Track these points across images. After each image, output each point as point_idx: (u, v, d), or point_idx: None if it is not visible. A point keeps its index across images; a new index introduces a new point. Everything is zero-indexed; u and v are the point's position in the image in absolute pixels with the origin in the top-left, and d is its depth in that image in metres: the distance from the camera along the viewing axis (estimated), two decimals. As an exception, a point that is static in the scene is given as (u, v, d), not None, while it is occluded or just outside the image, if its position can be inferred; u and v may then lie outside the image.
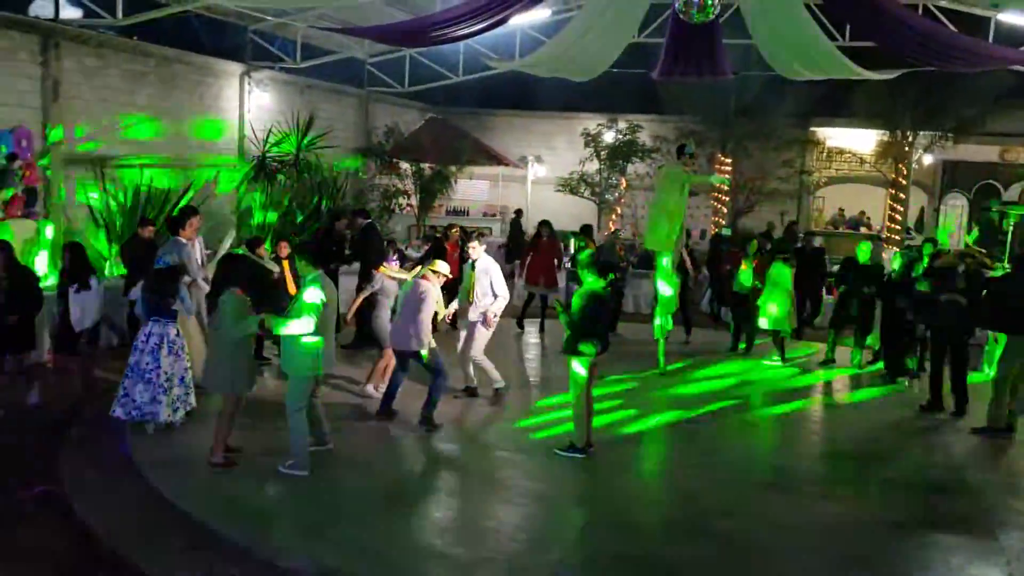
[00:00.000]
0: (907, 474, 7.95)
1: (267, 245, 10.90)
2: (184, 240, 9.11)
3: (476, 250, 9.66)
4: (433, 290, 8.55)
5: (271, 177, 15.21)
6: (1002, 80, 21.00)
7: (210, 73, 16.66)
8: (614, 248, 13.84)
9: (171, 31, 15.87)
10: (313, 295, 6.99)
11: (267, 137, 15.54)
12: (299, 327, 6.90)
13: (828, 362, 12.11)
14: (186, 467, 7.16)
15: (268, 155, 15.44)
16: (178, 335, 7.93)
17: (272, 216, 14.42)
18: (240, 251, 10.30)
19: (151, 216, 11.71)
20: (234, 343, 7.07)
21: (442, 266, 8.77)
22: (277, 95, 18.25)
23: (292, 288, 10.34)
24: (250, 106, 17.44)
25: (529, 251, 13.85)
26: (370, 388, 9.41)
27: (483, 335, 9.54)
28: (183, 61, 15.88)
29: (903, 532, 6.60)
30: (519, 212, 21.06)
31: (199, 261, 9.91)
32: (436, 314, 8.84)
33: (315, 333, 6.97)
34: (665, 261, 10.97)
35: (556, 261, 13.71)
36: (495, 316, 9.46)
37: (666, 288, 11.07)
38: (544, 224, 13.78)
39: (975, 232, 20.88)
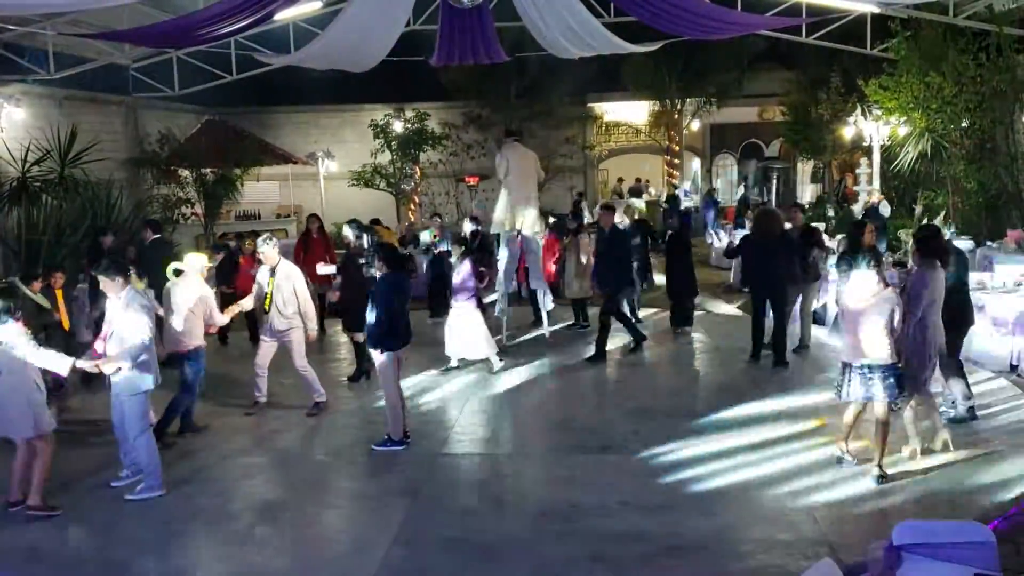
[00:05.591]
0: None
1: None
2: None
3: (269, 254, 8.91)
4: (195, 286, 8.14)
5: (34, 199, 14.04)
6: (754, 45, 22.77)
7: (-51, 91, 15.15)
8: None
9: None
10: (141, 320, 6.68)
11: (25, 156, 14.32)
12: (139, 351, 6.63)
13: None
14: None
15: (28, 175, 14.24)
16: None
17: (41, 241, 13.26)
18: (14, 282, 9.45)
19: None
20: (29, 381, 6.53)
21: (194, 259, 8.34)
22: (33, 109, 16.81)
23: (66, 322, 9.61)
24: (2, 124, 16.00)
25: (300, 248, 12.63)
26: None
27: (302, 344, 9.04)
28: (-86, 81, 14.35)
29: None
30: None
31: None
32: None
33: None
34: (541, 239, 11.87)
35: (329, 256, 12.32)
36: (313, 331, 9.12)
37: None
38: (312, 218, 12.98)
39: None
